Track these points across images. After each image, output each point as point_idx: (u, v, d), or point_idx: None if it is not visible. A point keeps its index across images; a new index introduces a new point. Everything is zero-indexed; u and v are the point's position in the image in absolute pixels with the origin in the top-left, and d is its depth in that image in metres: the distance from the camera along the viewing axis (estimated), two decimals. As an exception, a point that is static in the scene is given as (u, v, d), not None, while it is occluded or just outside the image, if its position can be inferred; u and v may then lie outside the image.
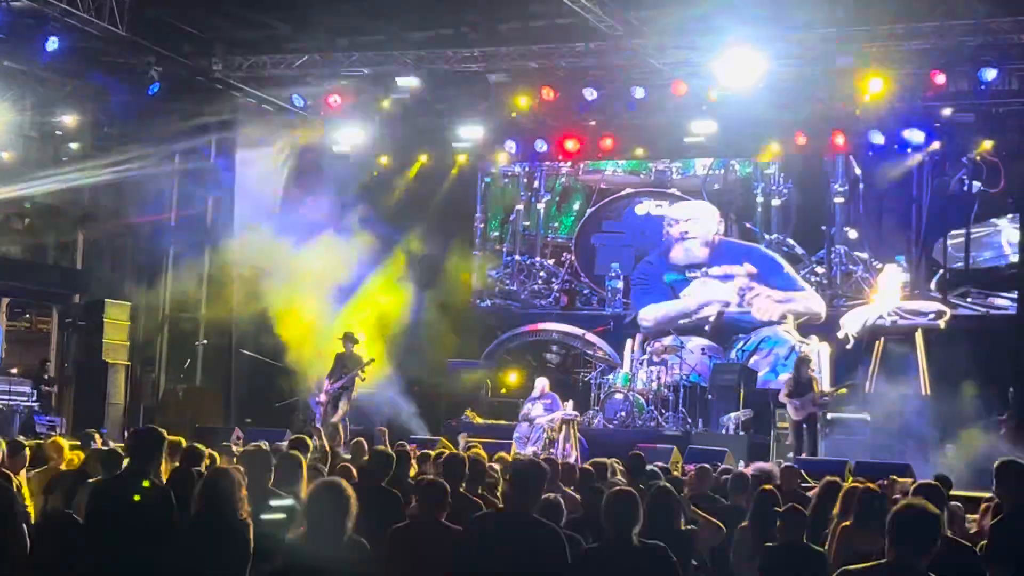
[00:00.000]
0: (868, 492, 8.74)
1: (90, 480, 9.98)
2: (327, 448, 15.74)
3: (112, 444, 13.85)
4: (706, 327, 26.84)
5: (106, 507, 8.46)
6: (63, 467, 11.79)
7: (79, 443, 13.63)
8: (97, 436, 15.46)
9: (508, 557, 7.74)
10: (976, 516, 11.40)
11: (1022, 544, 8.40)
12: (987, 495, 11.80)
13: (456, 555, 8.05)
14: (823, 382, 24.80)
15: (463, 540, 8.15)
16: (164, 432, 9.02)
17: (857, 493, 8.83)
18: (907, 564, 6.01)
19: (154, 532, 8.15)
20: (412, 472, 12.55)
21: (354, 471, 11.46)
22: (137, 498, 8.28)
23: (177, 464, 10.46)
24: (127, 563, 8.06)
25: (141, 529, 8.18)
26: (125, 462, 9.45)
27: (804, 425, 21.94)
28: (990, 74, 20.96)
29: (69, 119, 25.86)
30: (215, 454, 12.13)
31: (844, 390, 23.32)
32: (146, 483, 8.40)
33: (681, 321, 26.99)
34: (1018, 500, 8.96)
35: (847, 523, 8.62)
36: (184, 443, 11.67)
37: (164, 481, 9.11)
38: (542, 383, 24.23)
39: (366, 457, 12.79)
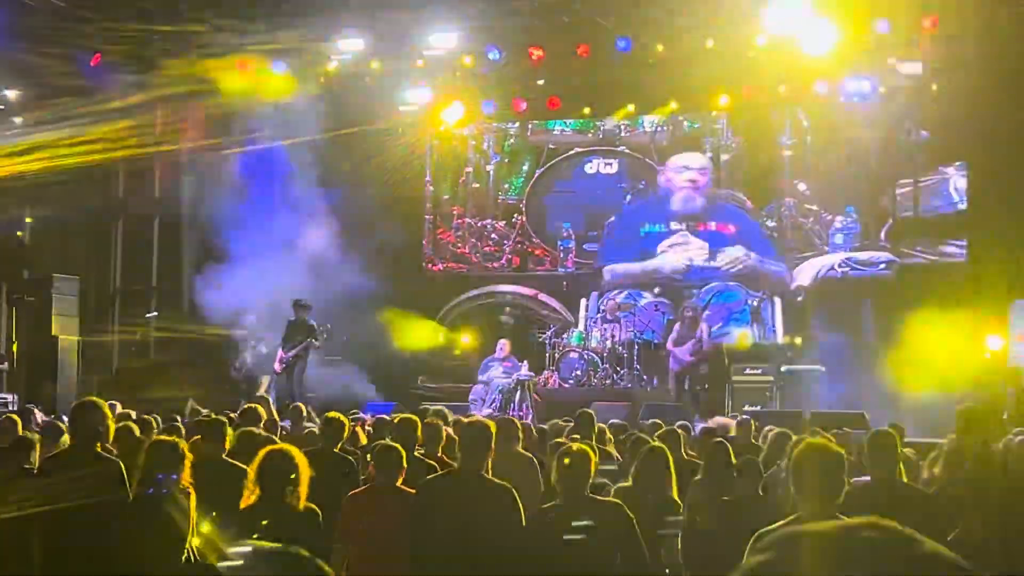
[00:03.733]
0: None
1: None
2: (276, 417, 15.71)
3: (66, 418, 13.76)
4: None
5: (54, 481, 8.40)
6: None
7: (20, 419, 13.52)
8: (36, 411, 15.40)
9: (463, 518, 7.75)
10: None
11: (991, 489, 8.38)
12: (940, 441, 11.87)
13: (412, 519, 8.04)
14: (778, 335, 25.07)
15: (417, 504, 8.14)
16: (105, 404, 8.91)
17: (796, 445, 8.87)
18: (816, 513, 5.87)
19: (104, 506, 8.10)
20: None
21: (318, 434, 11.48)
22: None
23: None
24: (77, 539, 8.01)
25: (90, 503, 8.12)
26: (66, 437, 9.37)
27: (686, 378, 22.46)
28: (933, 20, 20.98)
29: (11, 94, 25.62)
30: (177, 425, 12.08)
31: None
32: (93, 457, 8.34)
33: (648, 279, 27.09)
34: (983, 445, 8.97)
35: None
36: (133, 415, 11.61)
37: (114, 453, 9.04)
38: (503, 344, 24.31)
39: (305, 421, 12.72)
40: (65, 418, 14.29)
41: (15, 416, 12.27)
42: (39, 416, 14.81)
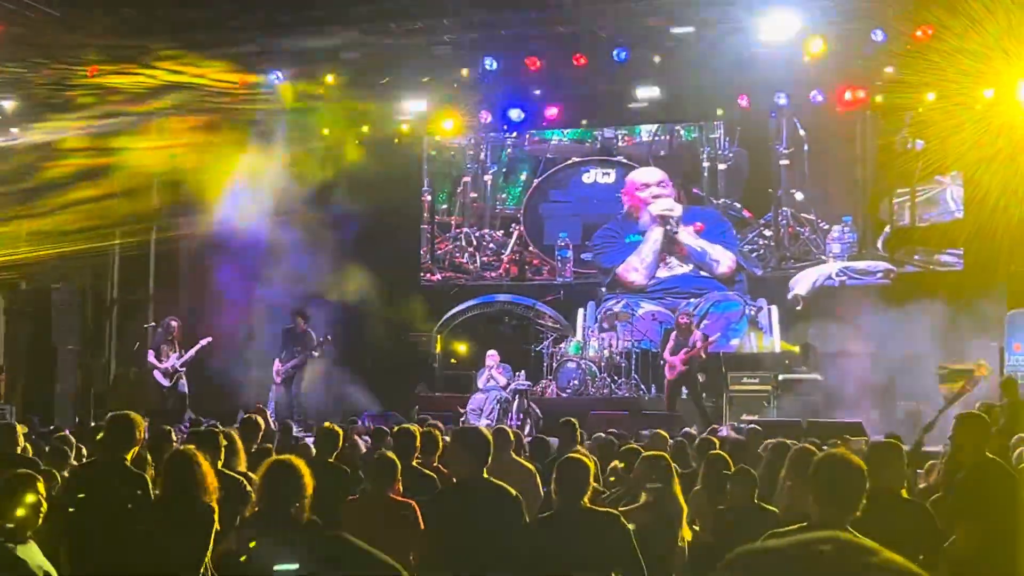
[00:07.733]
0: (802, 451, 8.78)
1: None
2: (273, 428, 15.74)
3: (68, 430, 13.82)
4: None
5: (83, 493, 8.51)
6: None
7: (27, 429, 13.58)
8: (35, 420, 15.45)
9: (471, 523, 7.79)
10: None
11: (987, 497, 8.34)
12: (936, 450, 11.94)
13: (424, 533, 8.12)
14: (776, 344, 25.08)
15: (431, 517, 8.20)
16: (138, 418, 9.03)
17: (796, 453, 8.88)
18: (828, 522, 5.85)
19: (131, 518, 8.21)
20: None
21: (313, 449, 11.48)
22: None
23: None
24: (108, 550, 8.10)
25: (120, 515, 8.22)
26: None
27: (682, 388, 22.50)
28: (927, 30, 20.97)
29: (8, 104, 25.59)
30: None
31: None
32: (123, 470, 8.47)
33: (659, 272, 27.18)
34: (978, 453, 8.92)
35: (790, 483, 8.66)
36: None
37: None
38: (492, 355, 24.28)
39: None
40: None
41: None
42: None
